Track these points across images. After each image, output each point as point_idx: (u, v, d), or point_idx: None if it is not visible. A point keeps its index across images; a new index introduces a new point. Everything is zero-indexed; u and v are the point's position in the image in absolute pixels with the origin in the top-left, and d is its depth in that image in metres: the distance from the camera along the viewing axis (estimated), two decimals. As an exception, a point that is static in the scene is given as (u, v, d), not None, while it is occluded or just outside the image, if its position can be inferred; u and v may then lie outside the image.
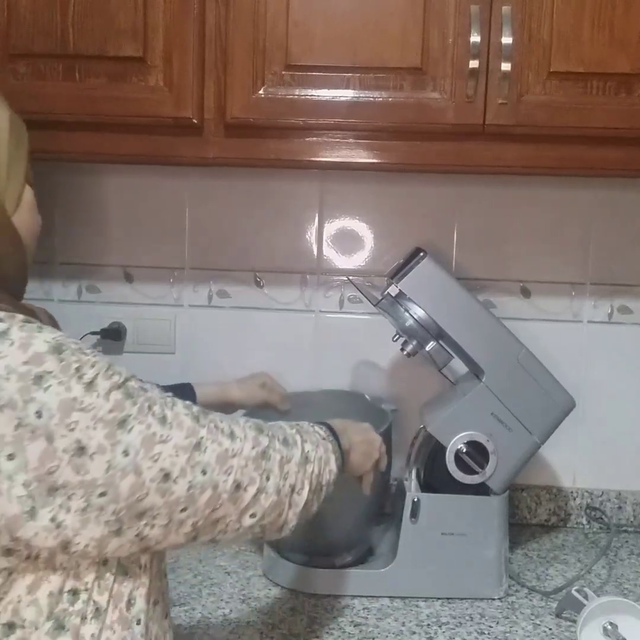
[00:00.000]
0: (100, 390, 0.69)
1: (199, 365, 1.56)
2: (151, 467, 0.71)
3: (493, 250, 1.52)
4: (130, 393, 0.72)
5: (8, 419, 0.66)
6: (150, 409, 0.73)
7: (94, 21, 1.15)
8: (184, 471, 0.73)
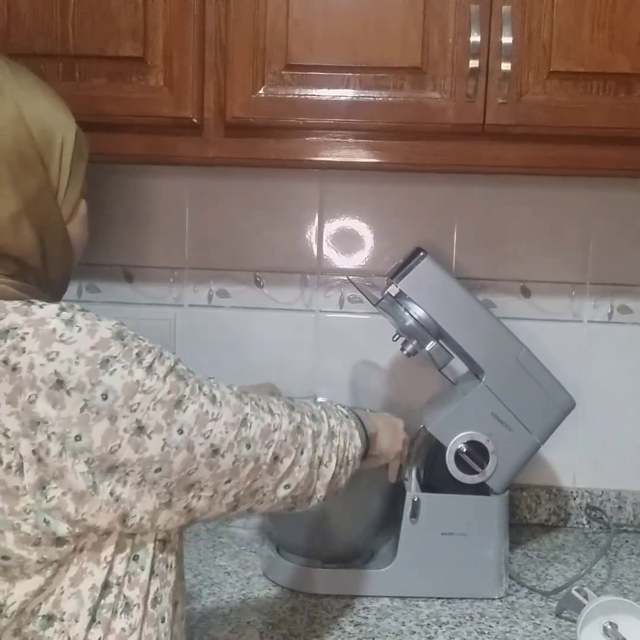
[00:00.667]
0: (159, 373, 0.73)
1: (199, 365, 1.55)
2: (203, 443, 0.75)
3: (493, 250, 1.52)
4: (182, 375, 0.76)
5: (75, 401, 0.69)
6: (201, 390, 0.78)
7: (94, 21, 1.15)
8: (231, 446, 0.77)
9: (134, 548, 0.76)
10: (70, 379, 0.69)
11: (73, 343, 0.70)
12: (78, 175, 0.83)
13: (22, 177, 0.76)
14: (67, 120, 0.82)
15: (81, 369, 0.69)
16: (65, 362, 0.69)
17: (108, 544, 0.74)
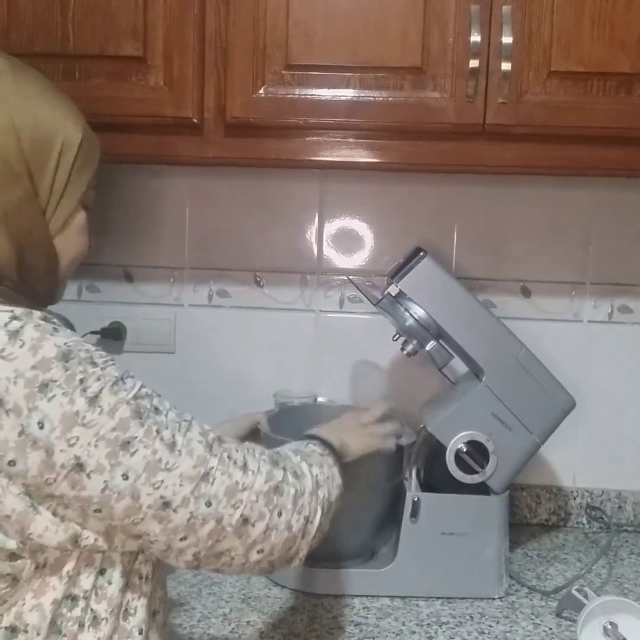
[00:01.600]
0: (105, 405, 0.68)
1: (199, 365, 1.56)
2: (151, 493, 0.70)
3: (493, 250, 1.52)
4: (140, 412, 0.70)
5: (13, 424, 0.66)
6: (159, 433, 0.70)
7: (94, 21, 1.15)
8: (186, 501, 0.71)
9: (102, 562, 0.73)
10: (8, 399, 0.66)
11: (13, 360, 0.66)
12: (77, 186, 0.82)
13: (4, 187, 0.74)
14: (71, 130, 0.80)
15: (19, 391, 0.65)
16: (3, 380, 0.66)
17: (70, 559, 0.71)
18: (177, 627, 1.13)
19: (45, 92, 0.80)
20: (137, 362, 1.57)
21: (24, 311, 0.70)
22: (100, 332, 1.54)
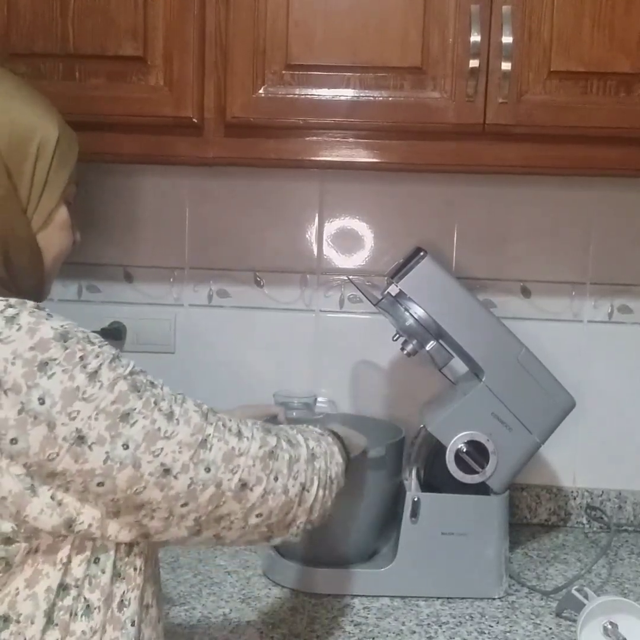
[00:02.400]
0: (104, 380, 0.70)
1: (199, 365, 1.56)
2: (151, 461, 0.71)
3: (493, 250, 1.52)
4: (137, 386, 0.72)
5: (12, 403, 0.67)
6: (157, 404, 0.73)
7: (94, 21, 1.15)
8: (185, 467, 0.73)
9: (95, 551, 0.73)
10: (6, 379, 0.67)
11: (10, 342, 0.68)
12: (57, 182, 0.82)
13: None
14: (47, 127, 0.81)
15: (17, 370, 0.67)
16: (1, 361, 0.67)
17: (64, 545, 0.72)
18: (177, 627, 1.13)
19: (20, 91, 0.81)
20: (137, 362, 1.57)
21: (18, 300, 0.72)
22: (100, 332, 1.53)
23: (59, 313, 0.75)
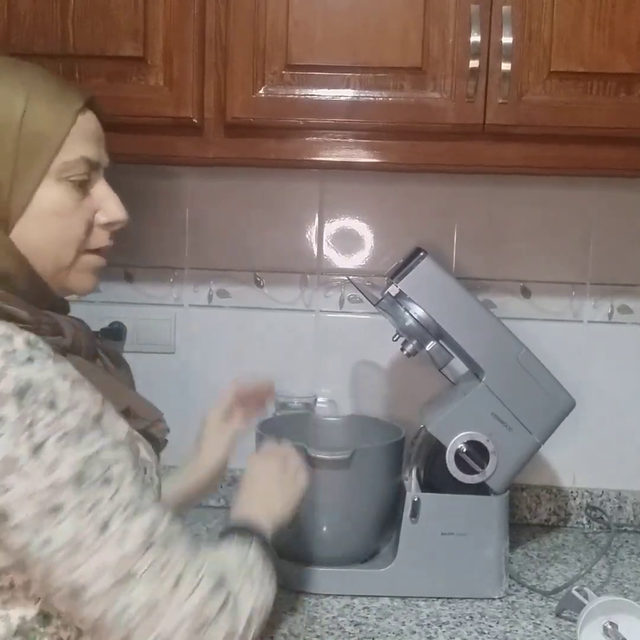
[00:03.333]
0: (46, 458, 0.62)
1: (199, 365, 1.56)
2: (63, 576, 0.63)
3: (493, 250, 1.52)
4: (82, 478, 0.63)
5: None
6: (93, 509, 0.63)
7: (94, 21, 1.15)
8: (99, 597, 0.63)
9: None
10: None
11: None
12: (33, 165, 0.73)
13: None
14: (6, 110, 0.73)
15: None
16: None
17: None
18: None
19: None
20: (137, 362, 1.57)
21: (5, 333, 0.65)
22: (100, 332, 1.53)
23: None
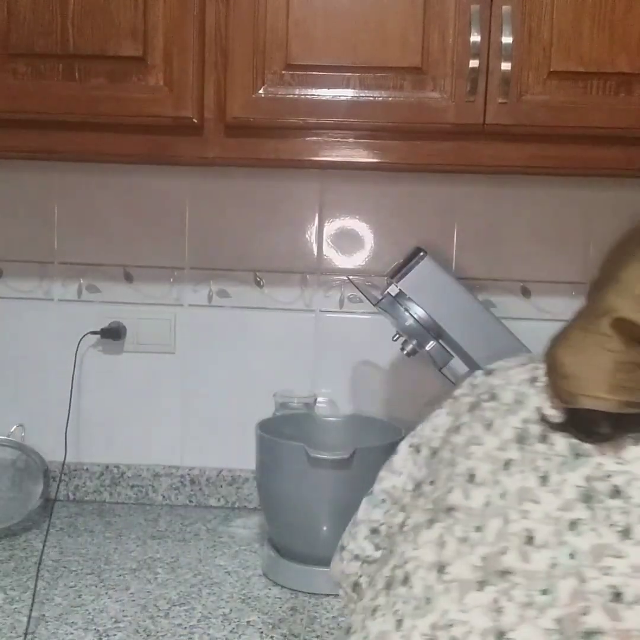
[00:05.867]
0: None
1: (199, 365, 1.56)
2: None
3: (493, 250, 1.52)
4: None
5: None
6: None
7: (94, 21, 1.15)
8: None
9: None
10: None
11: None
12: None
13: None
14: None
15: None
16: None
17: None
18: (177, 627, 1.13)
19: None
20: (137, 362, 1.58)
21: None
22: (100, 332, 1.54)
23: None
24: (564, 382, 0.69)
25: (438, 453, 0.77)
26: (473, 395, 0.81)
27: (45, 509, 1.50)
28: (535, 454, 0.68)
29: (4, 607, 1.17)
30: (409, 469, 0.82)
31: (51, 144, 1.21)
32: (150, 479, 1.57)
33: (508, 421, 0.73)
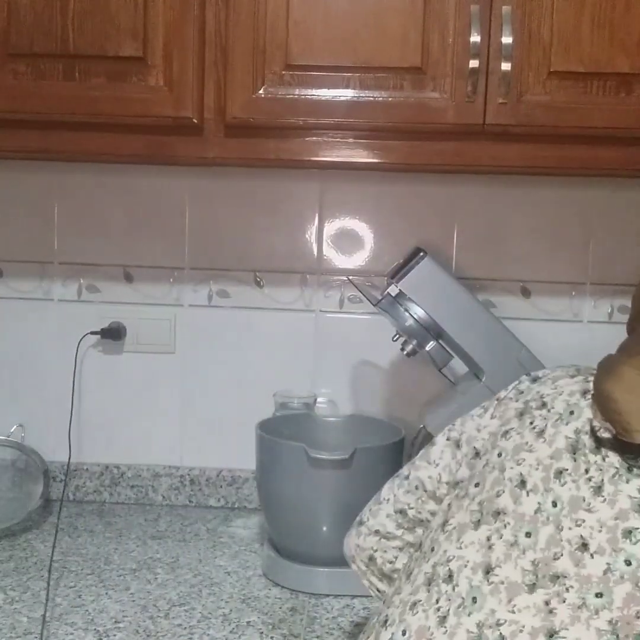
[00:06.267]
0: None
1: (199, 365, 1.56)
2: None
3: (493, 250, 1.52)
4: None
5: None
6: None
7: (94, 21, 1.15)
8: None
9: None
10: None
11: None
12: None
13: None
14: None
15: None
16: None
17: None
18: (177, 627, 1.13)
19: None
20: (137, 362, 1.58)
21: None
22: (100, 332, 1.54)
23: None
24: (617, 417, 0.70)
25: (484, 455, 0.77)
26: (521, 401, 0.81)
27: (45, 509, 1.50)
28: (588, 464, 0.70)
29: (4, 608, 1.17)
30: (446, 461, 0.83)
31: (51, 144, 1.21)
32: (150, 479, 1.57)
33: (560, 430, 0.74)
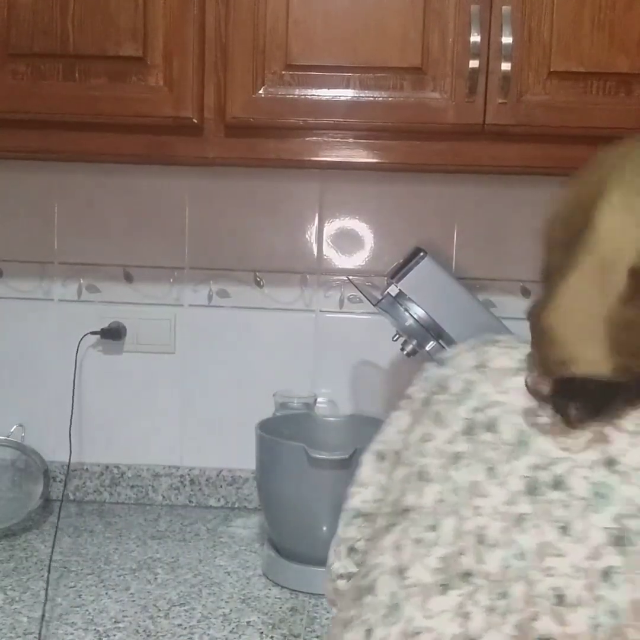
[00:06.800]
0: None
1: (199, 365, 1.56)
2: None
3: (493, 250, 1.52)
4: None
5: None
6: None
7: (94, 21, 1.15)
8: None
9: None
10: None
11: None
12: None
13: None
14: None
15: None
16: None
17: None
18: (177, 627, 1.13)
19: None
20: (137, 362, 1.58)
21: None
22: (100, 332, 1.54)
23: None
24: (552, 350, 0.64)
25: (402, 456, 0.73)
26: (425, 391, 0.76)
27: (45, 509, 1.50)
28: (484, 444, 0.64)
29: (4, 608, 1.17)
30: (376, 478, 0.78)
31: (51, 144, 1.21)
32: (150, 479, 1.57)
33: (456, 412, 0.68)
